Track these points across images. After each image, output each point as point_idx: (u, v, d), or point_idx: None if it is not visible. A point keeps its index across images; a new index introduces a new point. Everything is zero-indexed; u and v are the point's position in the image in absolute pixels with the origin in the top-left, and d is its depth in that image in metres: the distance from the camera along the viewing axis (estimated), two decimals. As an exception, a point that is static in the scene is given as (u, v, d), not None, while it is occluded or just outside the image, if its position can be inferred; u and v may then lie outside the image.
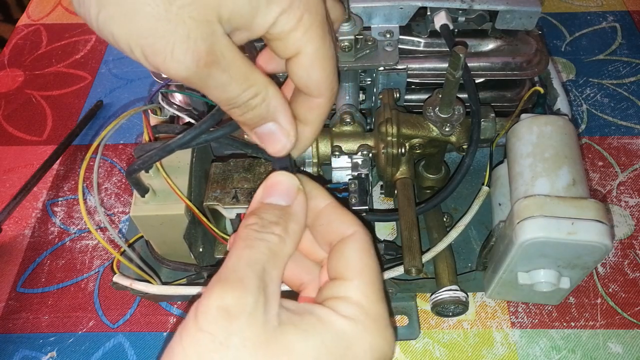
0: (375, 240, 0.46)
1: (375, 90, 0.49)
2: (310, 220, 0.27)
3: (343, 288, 0.25)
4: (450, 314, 0.45)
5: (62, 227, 0.55)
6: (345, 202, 0.44)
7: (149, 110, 0.42)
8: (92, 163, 0.59)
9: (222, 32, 0.23)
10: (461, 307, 0.43)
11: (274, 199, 0.26)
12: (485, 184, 0.44)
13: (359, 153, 0.45)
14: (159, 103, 0.42)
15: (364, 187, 0.43)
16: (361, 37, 0.44)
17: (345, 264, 0.25)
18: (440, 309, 0.44)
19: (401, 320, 0.47)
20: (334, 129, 0.48)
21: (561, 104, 0.49)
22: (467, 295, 0.43)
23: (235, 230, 0.43)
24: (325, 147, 0.46)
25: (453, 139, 0.44)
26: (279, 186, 0.26)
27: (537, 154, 0.40)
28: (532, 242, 0.35)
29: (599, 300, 0.47)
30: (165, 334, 0.47)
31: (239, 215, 0.40)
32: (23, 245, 0.54)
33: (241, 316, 0.21)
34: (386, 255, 0.45)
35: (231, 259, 0.23)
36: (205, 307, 0.21)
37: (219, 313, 0.21)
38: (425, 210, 0.45)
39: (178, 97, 0.53)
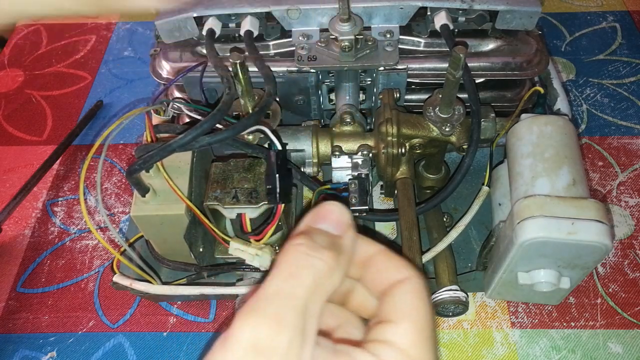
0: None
1: (375, 90, 0.49)
2: (360, 268, 0.25)
3: (389, 331, 0.22)
4: (450, 314, 0.45)
5: (62, 227, 0.55)
6: (345, 202, 0.44)
7: (151, 110, 0.42)
8: (92, 163, 0.59)
9: None
10: (461, 307, 0.43)
11: (325, 226, 0.24)
12: (485, 184, 0.44)
13: (359, 153, 0.45)
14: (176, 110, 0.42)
15: (364, 187, 0.43)
16: (361, 37, 0.44)
17: (394, 306, 0.23)
18: (441, 309, 0.44)
19: (401, 320, 0.47)
20: (334, 129, 0.48)
21: (561, 104, 0.49)
22: (467, 295, 0.43)
23: (235, 233, 0.43)
24: (325, 147, 0.46)
25: (453, 139, 0.44)
26: (331, 215, 0.24)
27: (537, 154, 0.40)
28: (532, 242, 0.35)
29: (599, 300, 0.47)
30: (165, 334, 0.47)
31: (239, 215, 0.40)
32: (23, 245, 0.54)
33: (273, 357, 0.19)
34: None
35: (271, 286, 0.21)
36: (235, 340, 0.20)
37: (249, 350, 0.19)
38: (425, 210, 0.45)
39: (178, 96, 0.53)
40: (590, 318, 0.46)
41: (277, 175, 0.38)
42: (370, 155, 0.45)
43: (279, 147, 0.39)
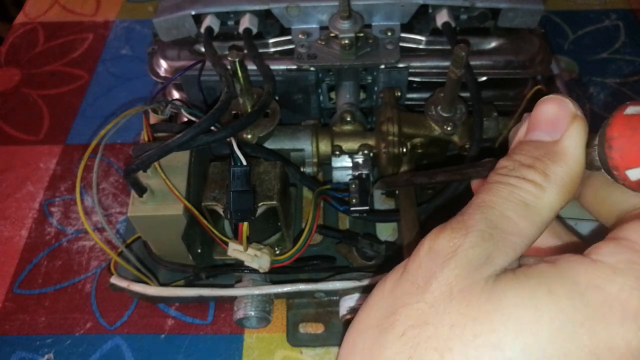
0: (377, 241, 0.46)
1: (376, 88, 0.48)
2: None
3: (627, 229, 0.17)
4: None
5: (58, 227, 0.54)
6: (346, 203, 0.44)
7: (149, 109, 0.42)
8: (89, 163, 0.58)
9: None
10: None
11: (536, 134, 0.20)
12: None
13: (360, 152, 0.45)
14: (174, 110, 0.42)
15: (365, 187, 0.43)
16: (362, 35, 0.44)
17: None
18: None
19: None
20: (334, 128, 0.47)
21: (564, 103, 0.49)
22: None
23: (234, 234, 0.43)
24: (325, 147, 0.46)
25: (455, 138, 0.44)
26: (544, 115, 0.20)
27: (541, 153, 0.39)
28: (536, 243, 0.35)
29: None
30: (163, 336, 0.46)
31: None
32: (19, 246, 0.53)
33: (449, 259, 0.17)
34: (387, 256, 0.45)
35: (465, 207, 0.19)
36: (416, 247, 0.18)
37: (426, 253, 0.18)
38: (426, 211, 0.44)
39: (176, 94, 0.52)
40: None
41: (231, 193, 0.37)
42: (371, 154, 0.45)
43: (244, 163, 0.38)
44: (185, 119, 0.42)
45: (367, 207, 0.42)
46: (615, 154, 0.17)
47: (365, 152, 0.45)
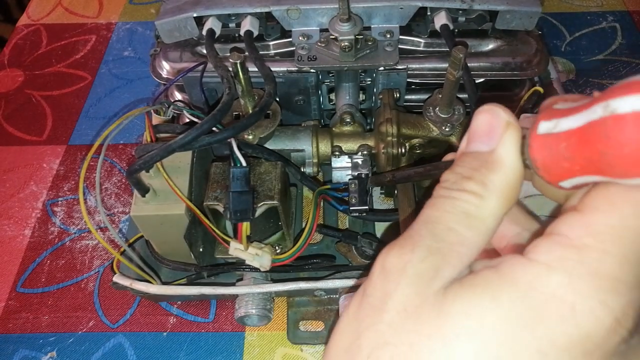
0: (376, 240, 0.46)
1: (375, 90, 0.49)
2: None
3: (561, 223, 0.17)
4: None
5: (62, 227, 0.55)
6: (346, 203, 0.44)
7: (152, 110, 0.42)
8: (92, 163, 0.59)
9: None
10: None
11: (474, 145, 0.20)
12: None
13: (359, 153, 0.45)
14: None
15: (364, 187, 0.43)
16: (361, 37, 0.44)
17: (587, 197, 0.17)
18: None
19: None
20: (334, 129, 0.48)
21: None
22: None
23: (234, 231, 0.43)
24: (325, 147, 0.46)
25: (453, 139, 0.44)
26: (479, 126, 0.20)
27: (537, 154, 0.40)
28: (532, 242, 0.35)
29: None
30: (165, 334, 0.47)
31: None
32: (23, 245, 0.53)
33: (400, 276, 0.18)
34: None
35: (412, 223, 0.20)
36: (371, 269, 0.19)
37: (379, 273, 0.19)
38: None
39: (178, 96, 0.53)
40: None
41: (231, 193, 0.38)
42: (370, 155, 0.45)
43: (243, 164, 0.38)
44: (187, 120, 0.42)
45: (366, 207, 0.43)
46: (544, 173, 0.18)
47: (365, 152, 0.45)
